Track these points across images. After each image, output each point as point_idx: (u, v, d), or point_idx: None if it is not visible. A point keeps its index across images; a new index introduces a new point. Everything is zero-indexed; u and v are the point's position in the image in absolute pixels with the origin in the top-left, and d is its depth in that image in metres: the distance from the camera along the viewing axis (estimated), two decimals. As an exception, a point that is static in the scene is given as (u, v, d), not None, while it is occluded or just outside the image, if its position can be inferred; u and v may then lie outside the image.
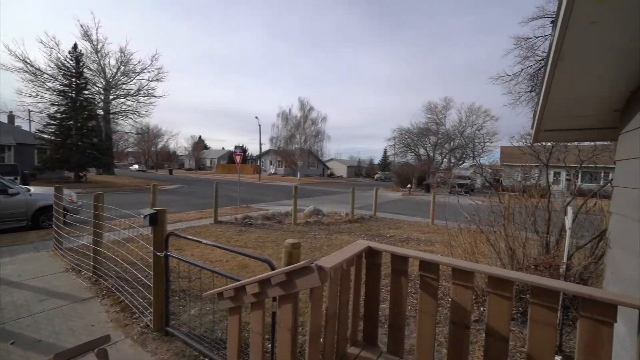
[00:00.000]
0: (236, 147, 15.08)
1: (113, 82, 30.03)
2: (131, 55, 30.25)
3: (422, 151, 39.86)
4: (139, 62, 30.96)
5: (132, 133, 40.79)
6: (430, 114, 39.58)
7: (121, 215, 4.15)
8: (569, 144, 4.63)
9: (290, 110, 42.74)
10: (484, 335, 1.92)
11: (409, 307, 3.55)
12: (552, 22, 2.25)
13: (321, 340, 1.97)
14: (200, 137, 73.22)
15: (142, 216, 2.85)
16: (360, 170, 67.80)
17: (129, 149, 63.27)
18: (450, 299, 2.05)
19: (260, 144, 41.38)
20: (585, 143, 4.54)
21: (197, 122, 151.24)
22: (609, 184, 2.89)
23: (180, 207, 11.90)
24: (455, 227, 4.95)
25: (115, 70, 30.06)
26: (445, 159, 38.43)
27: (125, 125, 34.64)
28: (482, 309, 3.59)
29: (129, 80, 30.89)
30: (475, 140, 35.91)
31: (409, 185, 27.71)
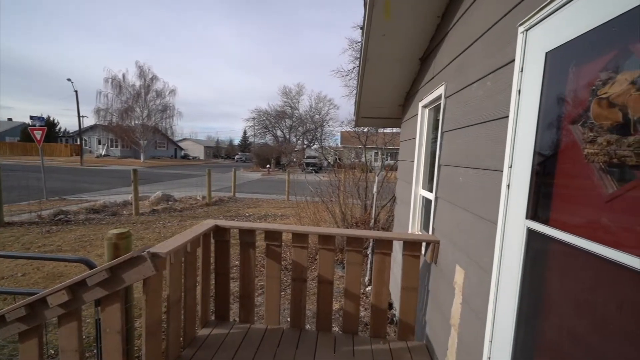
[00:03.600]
0: (33, 117, 9.85)
1: None
2: None
3: (279, 133, 42.06)
4: None
5: None
6: (285, 98, 42.02)
7: None
8: (379, 129, 6.14)
9: (124, 76, 34.28)
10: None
11: (263, 277, 3.81)
12: (361, 28, 2.88)
13: (163, 333, 1.83)
14: (-44, 100, 47.10)
15: None
16: (220, 151, 64.15)
17: None
18: (292, 261, 2.36)
19: (80, 116, 31.35)
20: (388, 129, 6.15)
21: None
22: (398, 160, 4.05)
23: None
24: (304, 200, 5.62)
25: None
26: (299, 141, 42.14)
27: None
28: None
29: None
30: (323, 124, 41.25)
31: (268, 166, 28.77)
